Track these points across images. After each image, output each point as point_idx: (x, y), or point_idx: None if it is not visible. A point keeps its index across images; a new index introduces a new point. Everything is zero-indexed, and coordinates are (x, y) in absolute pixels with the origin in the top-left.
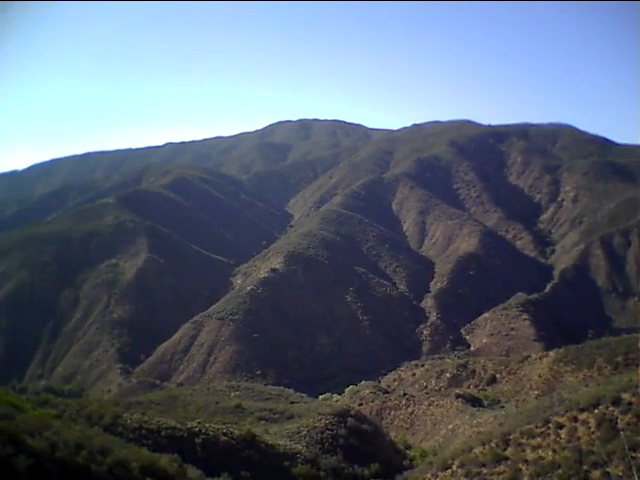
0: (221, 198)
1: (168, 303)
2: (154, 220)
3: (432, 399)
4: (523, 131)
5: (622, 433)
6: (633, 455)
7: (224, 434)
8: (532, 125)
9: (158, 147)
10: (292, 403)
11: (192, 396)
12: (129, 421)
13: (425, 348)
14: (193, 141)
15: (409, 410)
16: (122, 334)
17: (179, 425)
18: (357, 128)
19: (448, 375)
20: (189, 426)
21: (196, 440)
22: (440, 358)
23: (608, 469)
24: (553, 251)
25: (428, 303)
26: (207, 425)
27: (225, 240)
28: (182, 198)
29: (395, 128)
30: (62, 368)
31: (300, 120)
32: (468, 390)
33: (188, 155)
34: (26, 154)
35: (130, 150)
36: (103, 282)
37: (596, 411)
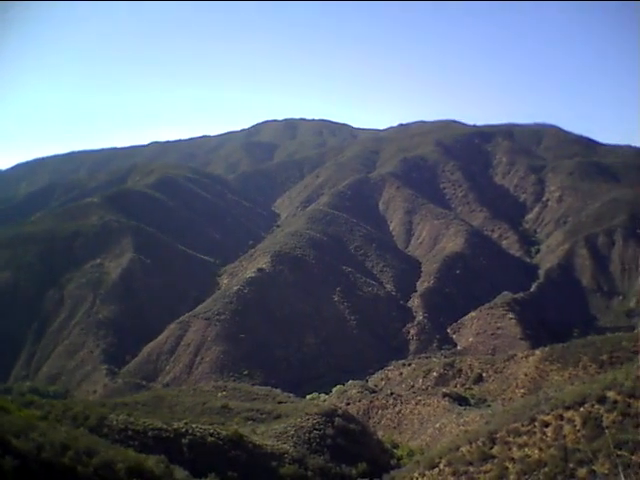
0: (207, 197)
1: (154, 303)
2: (139, 220)
3: (419, 398)
4: (508, 131)
5: (607, 431)
6: (618, 453)
7: (211, 435)
8: (517, 125)
9: (143, 146)
10: (279, 403)
11: (178, 397)
12: (115, 422)
13: (412, 347)
14: (179, 140)
15: (396, 409)
16: (107, 334)
17: (165, 426)
18: (343, 128)
19: (435, 374)
20: (176, 427)
21: (183, 441)
22: (427, 357)
23: (594, 467)
24: (538, 251)
25: (415, 302)
26: (194, 426)
27: (211, 240)
28: (168, 197)
29: (381, 128)
30: (47, 369)
31: (286, 119)
32: (455, 389)
33: (174, 154)
34: (10, 153)
35: (115, 149)
36: (88, 282)
37: (582, 409)
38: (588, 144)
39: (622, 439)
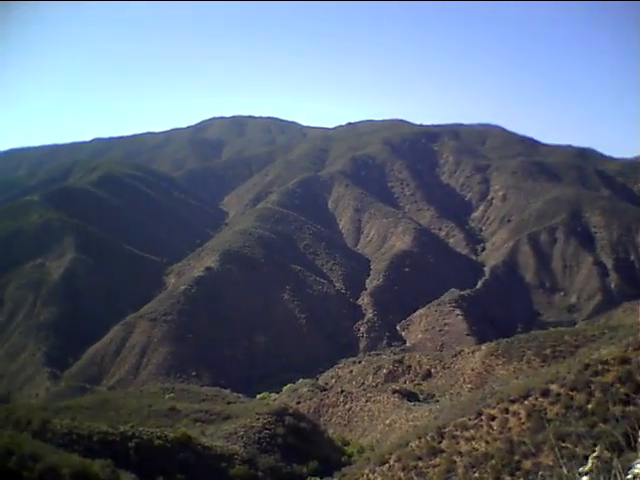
0: (153, 195)
1: (97, 304)
2: (82, 218)
3: (369, 395)
4: (454, 131)
5: (551, 423)
6: (562, 445)
7: (158, 437)
8: (462, 125)
9: (85, 142)
10: (229, 403)
11: (124, 399)
12: (59, 426)
13: (362, 345)
14: (122, 136)
15: (347, 407)
16: (49, 337)
17: (111, 429)
18: (292, 125)
19: (385, 371)
20: (122, 430)
21: (129, 444)
22: (377, 354)
23: (539, 459)
24: (484, 248)
25: (364, 300)
26: (140, 429)
27: (157, 238)
28: (111, 195)
29: (330, 126)
30: None
31: (234, 117)
32: (404, 385)
33: (117, 151)
34: None
35: (56, 146)
36: (29, 283)
37: (526, 402)
38: (531, 144)
39: (565, 431)
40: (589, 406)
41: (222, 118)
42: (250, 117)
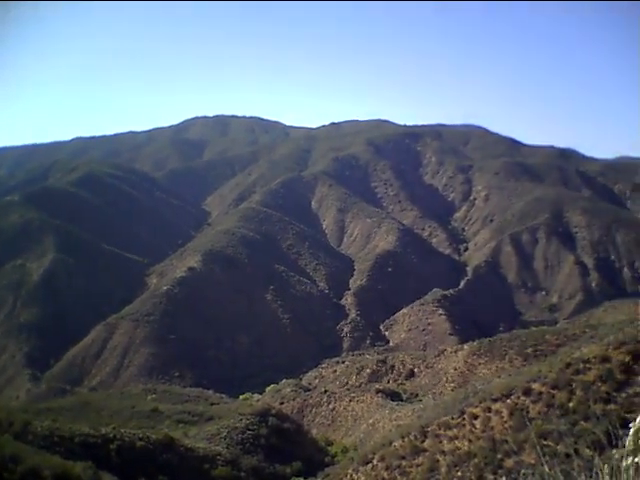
0: (134, 195)
1: (78, 305)
2: (62, 218)
3: (353, 395)
4: (437, 132)
5: (533, 422)
6: (544, 443)
7: (140, 439)
8: (445, 126)
9: (65, 142)
10: (212, 404)
11: (106, 401)
12: (40, 428)
13: (345, 345)
14: (103, 136)
15: (330, 407)
16: (30, 338)
17: (92, 431)
18: (276, 125)
19: (368, 371)
20: (103, 432)
21: (111, 446)
22: (360, 354)
23: (521, 457)
24: (466, 248)
25: (348, 300)
26: (122, 430)
27: (139, 239)
28: (92, 195)
29: (314, 126)
30: None
31: (217, 116)
32: (388, 385)
33: (98, 150)
34: None
35: (35, 145)
36: (9, 284)
37: (508, 401)
38: (513, 145)
39: (547, 429)
40: (570, 404)
41: (205, 118)
42: (233, 117)
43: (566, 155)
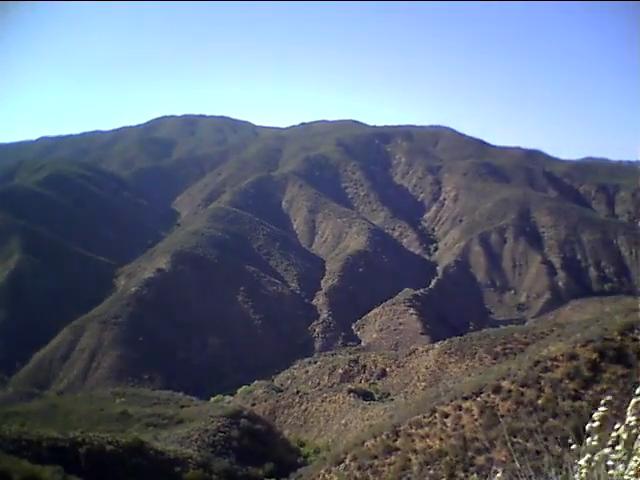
0: (101, 195)
1: (45, 307)
2: (28, 219)
3: (325, 395)
4: (406, 132)
5: (503, 420)
6: (514, 440)
7: (109, 443)
8: (415, 127)
9: (31, 142)
10: (182, 407)
11: (74, 404)
12: (8, 432)
13: (317, 345)
14: (70, 135)
15: (302, 407)
16: None
17: (61, 435)
18: (245, 125)
19: (340, 371)
20: (72, 436)
21: (79, 450)
22: (332, 354)
23: (491, 455)
24: (436, 248)
25: (319, 300)
26: (91, 434)
27: (107, 239)
28: (58, 195)
29: (283, 126)
30: None
31: (185, 115)
32: (360, 385)
33: (65, 150)
34: None
35: (1, 145)
36: None
37: (478, 399)
38: (481, 146)
39: (517, 427)
40: (539, 402)
41: (173, 117)
42: (201, 116)
43: (533, 156)
